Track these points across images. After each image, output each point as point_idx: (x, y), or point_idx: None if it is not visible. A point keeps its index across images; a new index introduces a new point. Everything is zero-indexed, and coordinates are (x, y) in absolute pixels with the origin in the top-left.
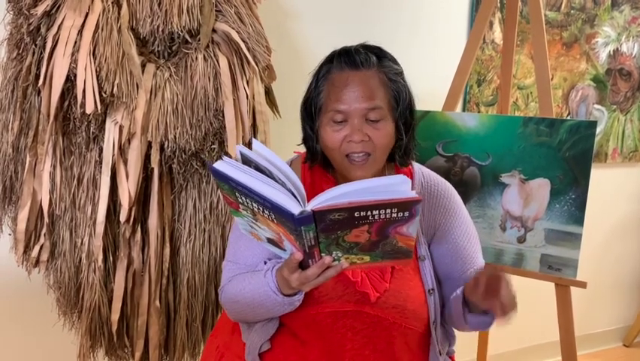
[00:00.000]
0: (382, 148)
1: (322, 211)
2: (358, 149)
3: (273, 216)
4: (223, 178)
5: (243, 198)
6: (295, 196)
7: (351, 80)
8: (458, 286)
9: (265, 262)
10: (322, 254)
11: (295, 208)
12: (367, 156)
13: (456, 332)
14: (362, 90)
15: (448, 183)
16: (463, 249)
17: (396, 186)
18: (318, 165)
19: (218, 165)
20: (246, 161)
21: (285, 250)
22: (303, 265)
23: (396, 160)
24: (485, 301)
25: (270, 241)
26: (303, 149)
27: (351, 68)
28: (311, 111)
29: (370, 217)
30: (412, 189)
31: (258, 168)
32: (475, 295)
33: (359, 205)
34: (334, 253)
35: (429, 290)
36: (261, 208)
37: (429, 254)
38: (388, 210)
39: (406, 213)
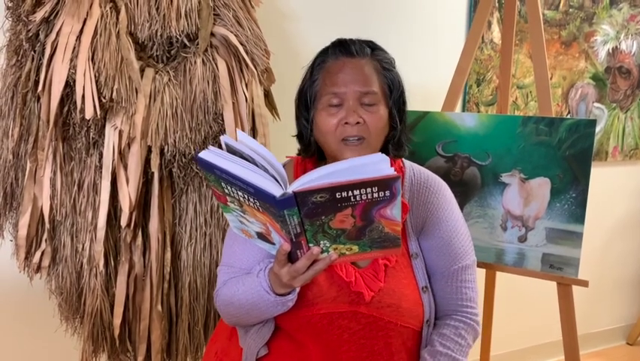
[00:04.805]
0: (376, 132)
1: (304, 193)
2: (353, 132)
3: (258, 204)
4: (208, 167)
5: (229, 187)
6: (277, 181)
7: (347, 66)
8: (443, 282)
9: (259, 265)
10: (310, 244)
11: (277, 191)
12: (362, 140)
13: None
14: (357, 75)
15: (439, 180)
16: (449, 245)
17: (374, 165)
18: (311, 159)
19: (203, 154)
20: (231, 151)
21: (274, 244)
22: (292, 259)
23: (390, 151)
24: None
25: (259, 236)
26: (294, 153)
27: (346, 56)
28: (306, 100)
29: (352, 199)
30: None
31: (243, 157)
32: None
33: (339, 185)
34: (322, 242)
35: (422, 288)
36: (246, 196)
37: (420, 251)
38: (369, 190)
39: (387, 193)
